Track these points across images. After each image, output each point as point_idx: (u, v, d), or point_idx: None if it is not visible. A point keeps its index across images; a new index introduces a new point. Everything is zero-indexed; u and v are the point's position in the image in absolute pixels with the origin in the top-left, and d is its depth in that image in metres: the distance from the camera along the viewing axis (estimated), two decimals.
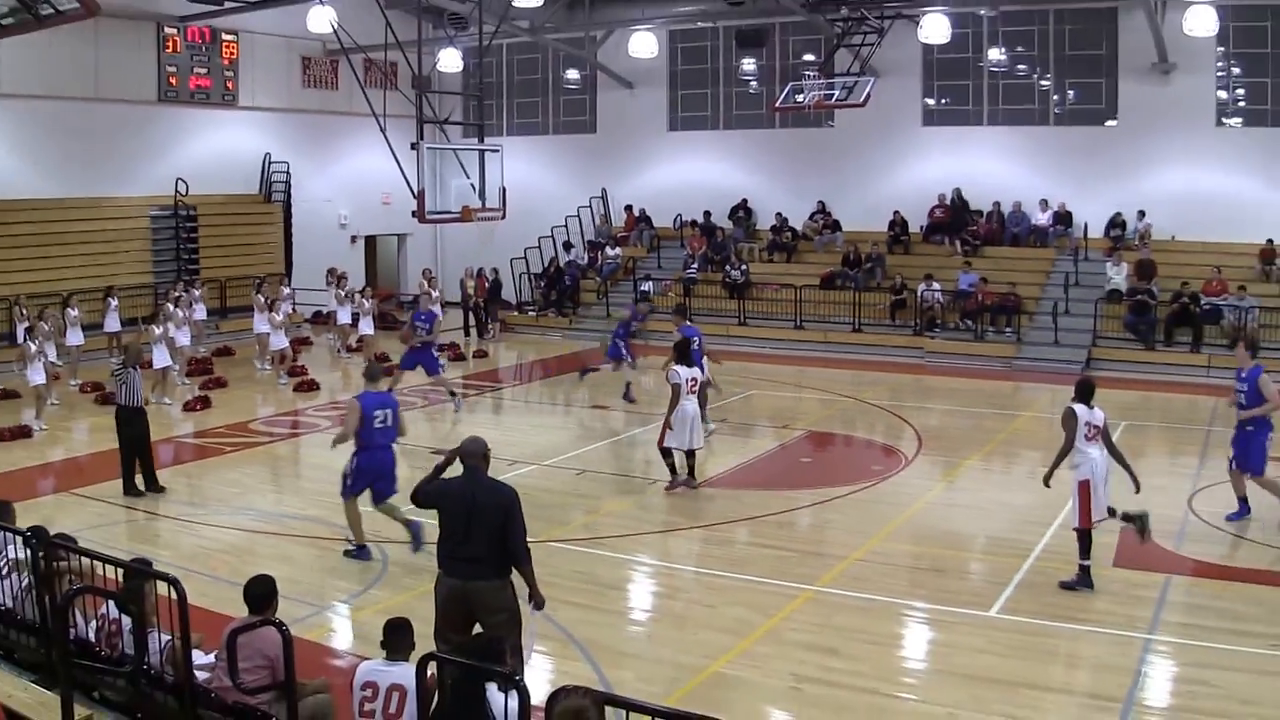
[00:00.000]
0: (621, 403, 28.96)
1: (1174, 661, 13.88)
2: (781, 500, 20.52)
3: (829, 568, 16.94)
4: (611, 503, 20.06)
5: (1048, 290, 39.40)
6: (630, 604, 15.97)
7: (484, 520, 11.11)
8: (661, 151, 48.28)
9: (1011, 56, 42.68)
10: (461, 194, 30.72)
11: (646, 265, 46.13)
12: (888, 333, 39.55)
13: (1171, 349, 36.10)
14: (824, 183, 45.01)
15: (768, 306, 41.31)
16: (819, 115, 43.42)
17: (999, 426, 27.87)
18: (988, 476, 23.69)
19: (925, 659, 14.32)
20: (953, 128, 43.51)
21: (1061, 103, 42.28)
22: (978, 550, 18.77)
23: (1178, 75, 39.38)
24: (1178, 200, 39.26)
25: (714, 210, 46.53)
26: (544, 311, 45.24)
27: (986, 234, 41.95)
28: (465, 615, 11.18)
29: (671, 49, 47.49)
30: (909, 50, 41.48)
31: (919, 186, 43.06)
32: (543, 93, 50.90)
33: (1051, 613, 15.10)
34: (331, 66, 46.42)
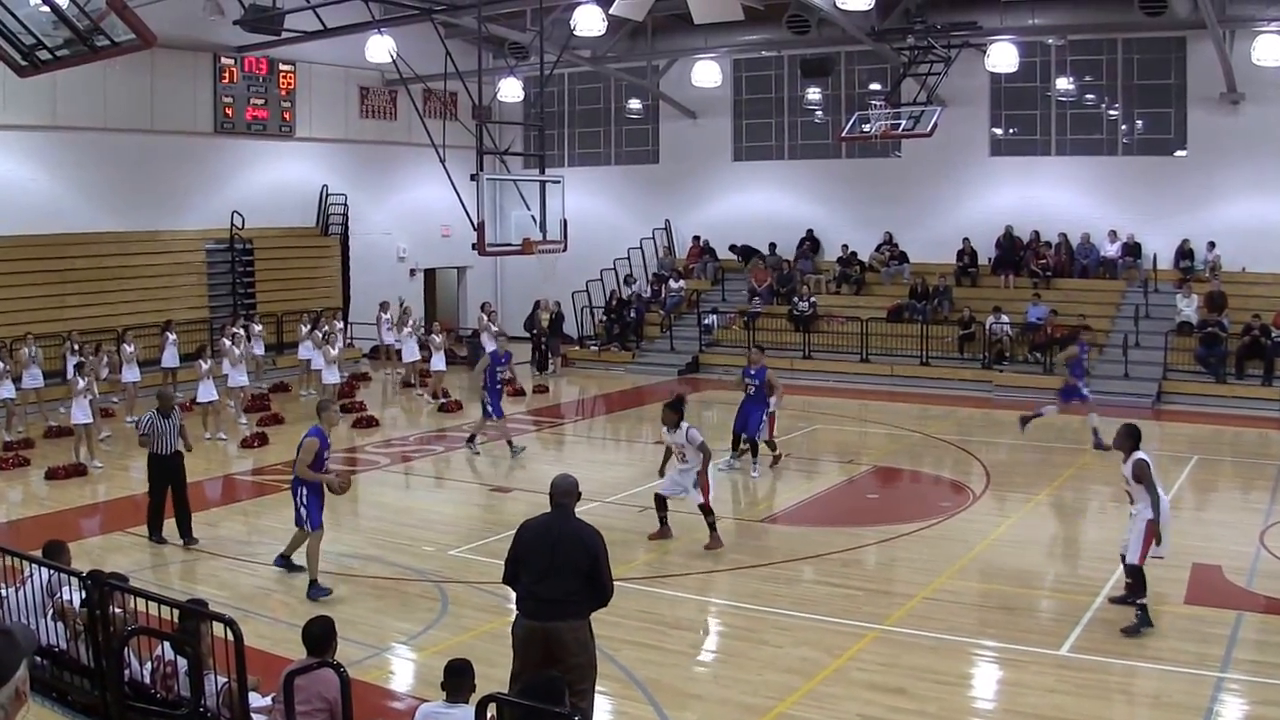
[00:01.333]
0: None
1: (1246, 700, 13.68)
2: (847, 537, 20.27)
3: (896, 606, 16.68)
4: (676, 541, 19.70)
5: (1117, 323, 39.02)
6: (694, 644, 15.70)
7: (569, 561, 10.92)
8: (726, 182, 47.98)
9: (1079, 86, 42.37)
10: (522, 226, 30.53)
11: (711, 298, 45.76)
12: (956, 366, 39.20)
13: (1242, 382, 35.65)
14: (891, 213, 44.65)
15: (834, 339, 40.98)
16: (885, 145, 43.13)
17: (1068, 461, 27.49)
18: (1057, 513, 23.36)
19: (994, 699, 14.06)
20: (1020, 158, 43.19)
21: (1130, 132, 41.95)
22: (1047, 588, 18.47)
23: (1247, 105, 39.00)
24: (1248, 231, 38.88)
25: (780, 241, 46.25)
26: (606, 345, 44.79)
27: (1055, 265, 41.47)
28: (544, 657, 10.85)
29: (735, 78, 47.31)
30: (976, 79, 41.19)
31: (986, 217, 42.76)
32: (604, 123, 50.78)
33: (1122, 651, 14.86)
34: (390, 97, 46.37)
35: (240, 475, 25.96)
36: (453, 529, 20.67)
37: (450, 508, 22.67)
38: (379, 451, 28.47)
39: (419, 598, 16.69)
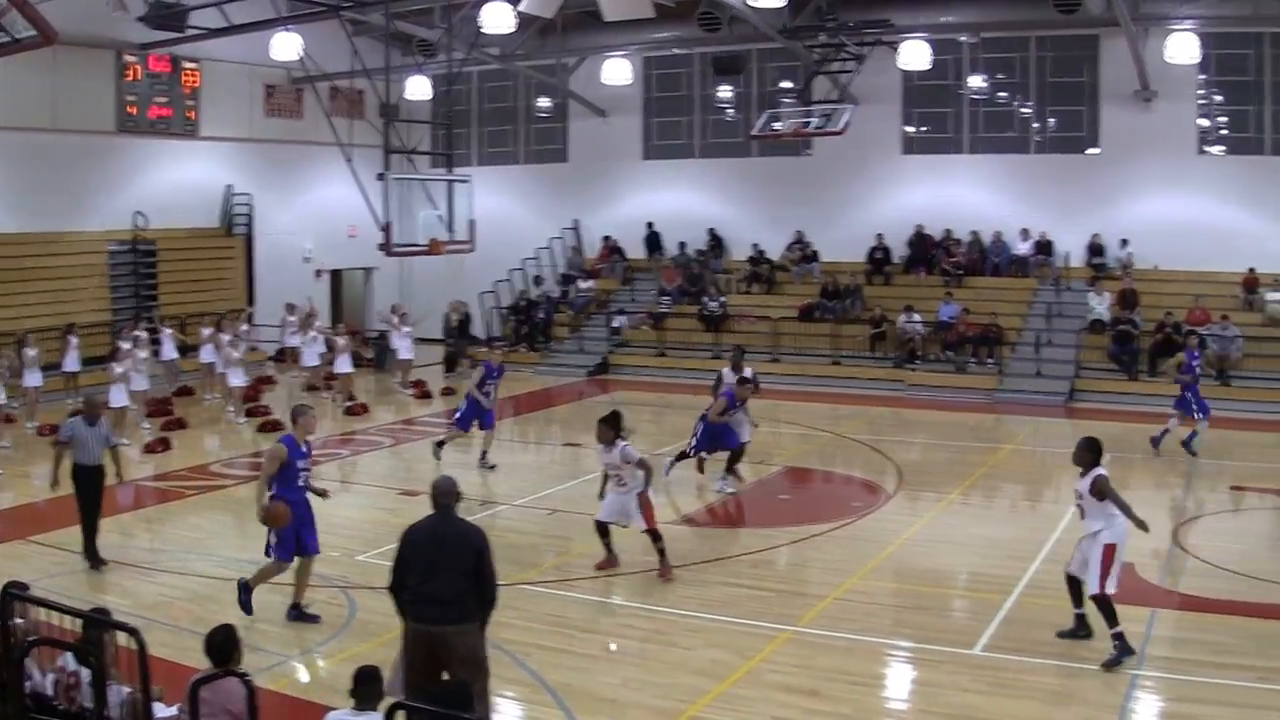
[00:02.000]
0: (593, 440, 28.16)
1: (1160, 696, 13.80)
2: (759, 539, 20.20)
3: (809, 607, 16.58)
4: (584, 544, 19.40)
5: (1029, 321, 39.31)
6: (605, 647, 15.36)
7: (453, 562, 10.85)
8: (636, 181, 47.85)
9: (992, 84, 42.65)
10: (429, 226, 30.35)
11: (620, 298, 45.66)
12: (867, 365, 39.27)
13: (1155, 379, 35.74)
14: (802, 212, 44.58)
15: (744, 339, 40.71)
16: (797, 144, 43.18)
17: (981, 460, 27.53)
18: (970, 511, 23.42)
19: (908, 699, 14.09)
20: (932, 156, 43.37)
21: (1042, 130, 42.21)
22: (960, 587, 18.56)
23: (1159, 103, 39.29)
24: (1160, 229, 39.16)
25: (689, 240, 46.14)
26: (514, 347, 44.09)
27: (967, 263, 41.61)
28: (432, 661, 10.82)
29: (646, 76, 47.13)
30: (888, 77, 41.28)
31: (898, 216, 42.91)
32: (513, 121, 50.42)
33: (1035, 649, 14.92)
34: (296, 95, 45.71)
35: (144, 481, 25.37)
36: (360, 534, 20.40)
37: (357, 512, 22.32)
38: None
39: (326, 604, 16.37)
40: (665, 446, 26.82)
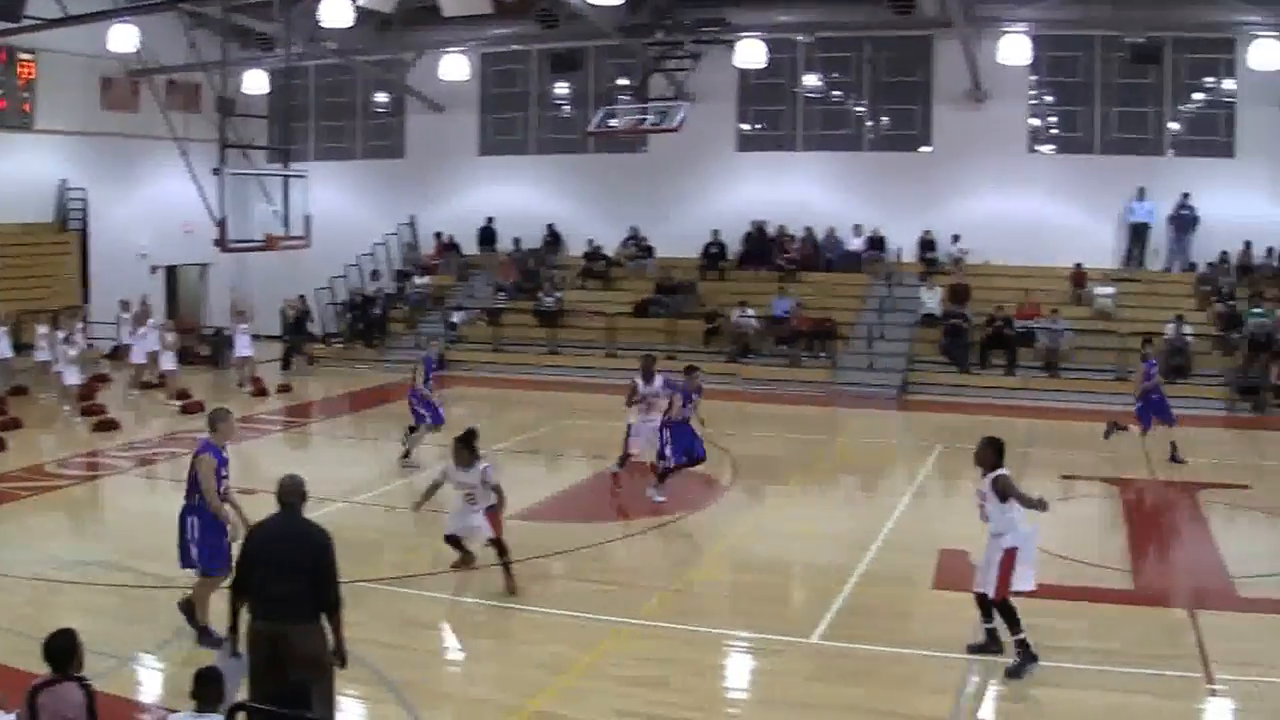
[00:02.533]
0: (431, 436, 28.08)
1: (997, 680, 13.96)
2: (598, 532, 20.29)
3: (649, 599, 16.67)
4: (423, 539, 19.43)
5: (862, 315, 39.91)
6: (445, 643, 15.59)
7: (295, 561, 10.77)
8: (472, 176, 47.74)
9: (827, 82, 43.37)
10: (265, 221, 30.14)
11: (456, 294, 45.54)
12: (702, 359, 39.12)
13: (986, 372, 36.56)
14: (637, 209, 44.93)
15: (580, 334, 40.99)
16: (632, 140, 43.37)
17: (816, 452, 27.85)
18: (806, 502, 23.77)
19: (750, 688, 14.26)
20: (768, 153, 43.91)
21: (876, 129, 42.93)
22: (798, 576, 18.82)
23: (991, 103, 40.24)
24: (991, 225, 40.05)
25: (525, 237, 46.19)
26: (351, 343, 44.27)
27: (801, 259, 42.03)
28: (275, 660, 10.67)
29: (483, 72, 47.01)
30: (724, 75, 41.67)
31: (734, 212, 43.34)
32: (350, 116, 50.11)
33: (874, 636, 15.17)
34: (133, 88, 44.86)
35: None
36: None
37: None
38: (121, 455, 27.46)
39: (164, 605, 16.07)
40: (502, 443, 27.03)
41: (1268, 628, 15.88)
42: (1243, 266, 39.47)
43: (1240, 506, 23.40)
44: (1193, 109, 40.87)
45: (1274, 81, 37.79)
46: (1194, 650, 14.82)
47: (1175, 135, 40.95)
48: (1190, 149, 40.64)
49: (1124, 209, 40.35)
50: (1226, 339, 36.30)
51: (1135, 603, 17.01)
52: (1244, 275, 39.19)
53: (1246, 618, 16.26)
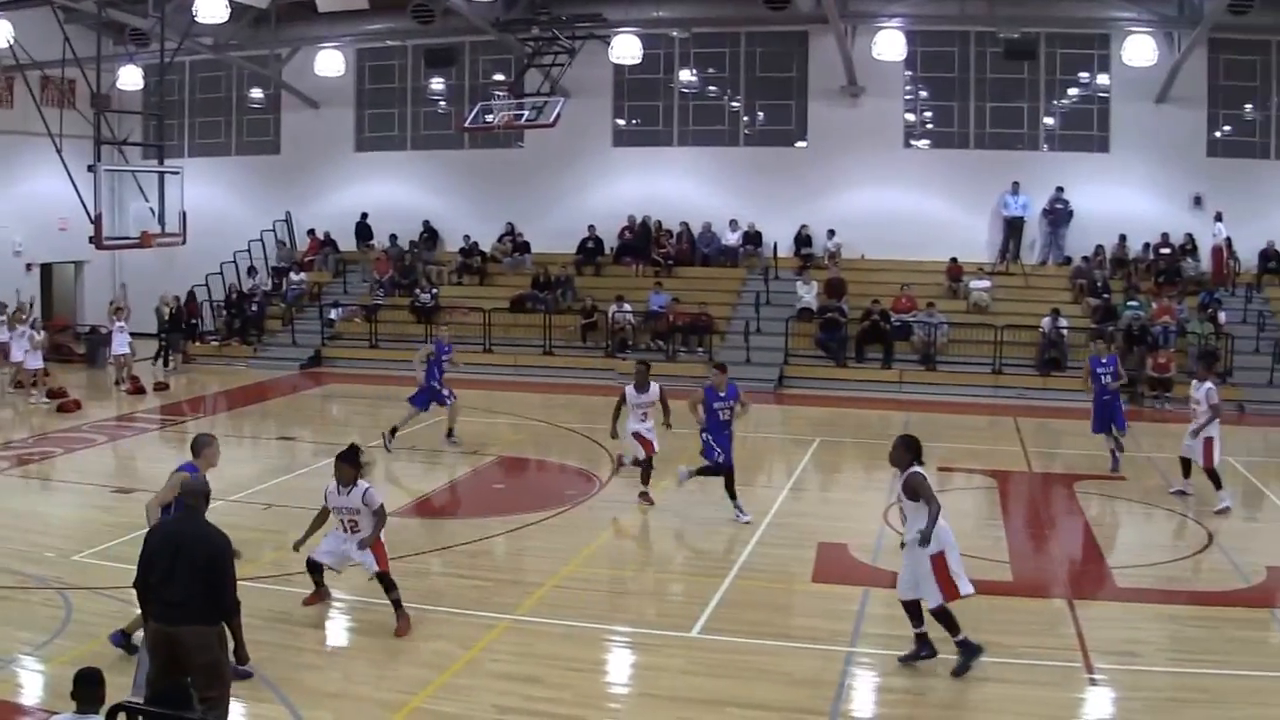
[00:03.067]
0: (308, 433, 27.87)
1: (876, 672, 14.19)
2: (475, 528, 20.17)
3: (527, 595, 16.67)
4: (295, 537, 19.27)
5: (739, 309, 40.09)
6: (326, 641, 15.39)
7: (190, 563, 10.66)
8: (348, 173, 47.48)
9: (702, 78, 43.59)
10: (141, 218, 29.83)
11: (333, 290, 45.24)
12: (579, 355, 39.57)
13: (862, 365, 36.83)
14: (513, 204, 44.91)
15: (457, 330, 40.57)
16: (508, 136, 43.44)
17: (693, 447, 27.81)
18: (683, 497, 23.41)
19: (629, 683, 14.28)
20: (643, 148, 44.04)
21: (752, 124, 43.16)
22: (677, 571, 18.97)
23: (867, 98, 40.69)
24: (867, 220, 40.46)
25: (401, 233, 46.07)
26: (228, 340, 43.74)
27: (677, 254, 42.15)
28: (173, 662, 10.61)
29: (359, 67, 46.82)
30: (600, 71, 41.74)
31: (610, 207, 43.47)
32: (226, 112, 49.52)
33: (753, 630, 15.24)
34: (6, 83, 44.13)
35: None
36: (75, 533, 19.70)
37: (73, 511, 21.69)
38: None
39: (41, 606, 15.90)
40: (377, 439, 26.82)
41: (1145, 617, 16.12)
42: (1117, 260, 40.09)
43: (1117, 497, 23.75)
44: (1067, 104, 41.52)
45: (1148, 77, 38.46)
46: (1073, 640, 15.08)
47: (1050, 130, 41.55)
48: (1065, 144, 41.30)
49: (999, 203, 40.80)
50: (1102, 332, 36.59)
51: (1014, 594, 17.23)
52: (1119, 268, 39.82)
53: (1124, 607, 16.51)
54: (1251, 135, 40.87)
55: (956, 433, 29.87)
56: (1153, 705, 13.27)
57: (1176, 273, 39.43)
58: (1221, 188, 39.84)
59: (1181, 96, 39.64)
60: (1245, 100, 40.83)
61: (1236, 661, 14.52)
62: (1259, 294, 39.05)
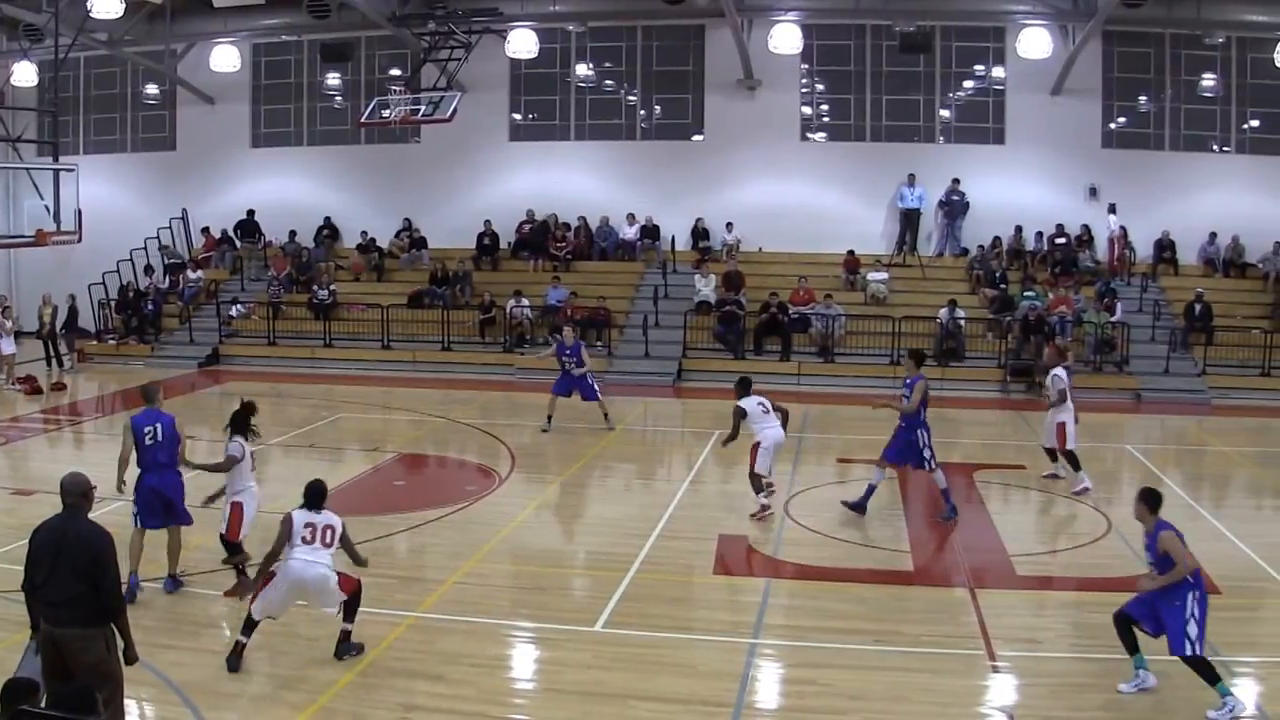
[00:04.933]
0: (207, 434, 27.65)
1: (780, 663, 14.33)
2: (376, 526, 19.92)
3: (429, 592, 16.67)
4: (202, 537, 19.06)
5: (637, 303, 40.20)
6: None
7: (71, 564, 10.46)
8: (245, 169, 47.14)
9: (599, 72, 43.60)
10: (35, 216, 29.52)
11: (230, 288, 44.75)
12: (477, 350, 39.48)
13: (761, 358, 36.97)
14: (410, 199, 44.87)
15: (354, 327, 40.70)
16: (405, 131, 43.35)
17: (591, 442, 27.91)
18: (583, 492, 23.97)
19: (534, 678, 14.26)
20: (540, 143, 44.11)
21: (649, 118, 43.21)
22: (579, 565, 19.02)
23: (763, 91, 40.95)
24: (764, 213, 40.74)
25: (299, 229, 45.73)
26: (125, 339, 43.10)
27: (575, 248, 42.17)
28: (60, 664, 10.46)
29: (255, 63, 46.51)
30: (496, 65, 41.79)
31: (507, 202, 43.44)
32: (121, 109, 48.95)
33: (656, 624, 15.32)
34: None
35: None
36: None
37: None
38: None
39: None
40: (278, 437, 26.78)
41: (1046, 604, 16.44)
42: (1014, 251, 40.53)
43: (1016, 486, 24.19)
44: (963, 97, 42.02)
45: (1043, 69, 38.96)
46: (975, 629, 15.25)
47: (946, 123, 41.95)
48: (961, 136, 41.80)
49: (895, 195, 41.18)
50: (999, 322, 37.03)
51: (915, 583, 17.47)
52: (1015, 259, 40.27)
53: (1025, 595, 16.76)
54: (1146, 127, 41.54)
55: (855, 424, 29.99)
56: (1055, 690, 13.44)
57: (1072, 263, 39.87)
58: (1116, 179, 40.46)
59: (1076, 89, 40.18)
60: (1139, 92, 41.49)
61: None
62: (1154, 283, 39.61)
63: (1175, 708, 12.83)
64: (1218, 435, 31.62)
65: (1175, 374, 36.48)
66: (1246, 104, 41.37)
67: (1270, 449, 29.81)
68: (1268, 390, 35.98)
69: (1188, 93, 41.54)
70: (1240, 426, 33.02)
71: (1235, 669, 13.96)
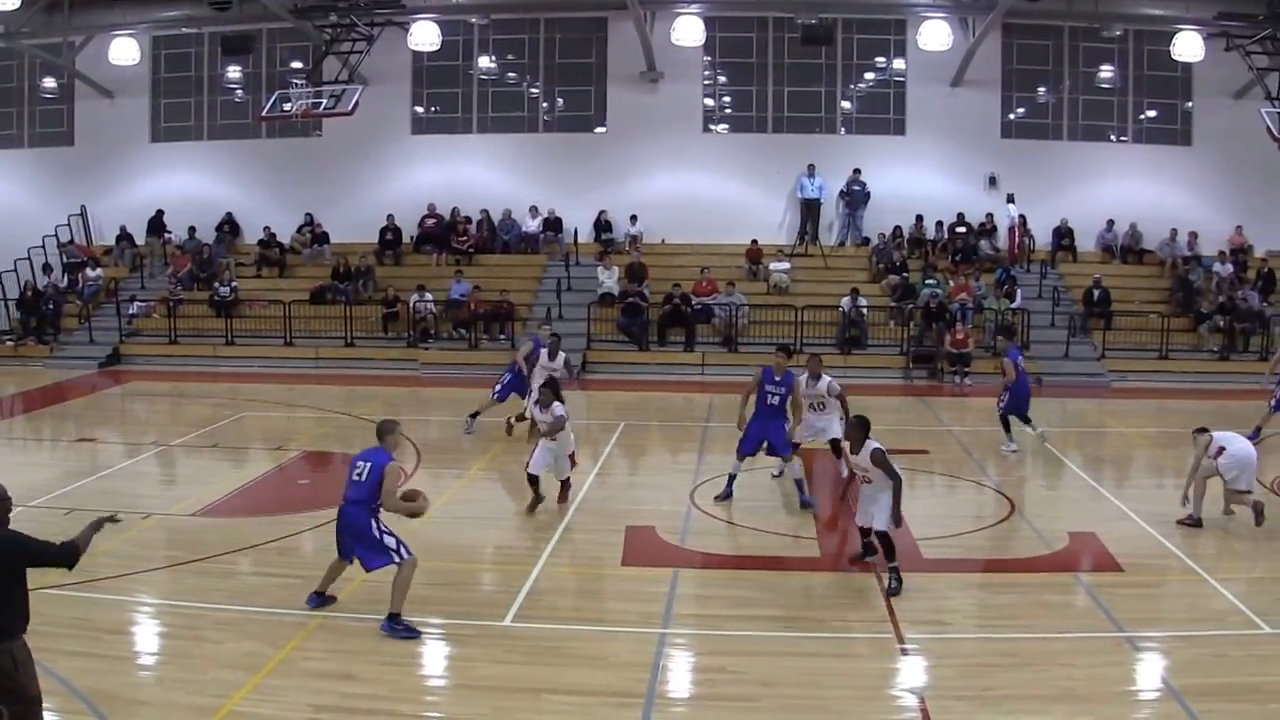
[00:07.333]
0: (110, 435, 27.46)
1: (691, 652, 14.38)
2: (282, 525, 19.90)
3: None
4: (102, 542, 18.86)
5: (540, 296, 40.50)
6: (135, 648, 15.02)
7: None
8: (145, 164, 46.65)
9: (502, 64, 43.67)
10: None
11: (130, 286, 44.33)
12: (381, 345, 39.43)
13: (665, 349, 37.14)
14: (312, 194, 44.74)
15: (256, 324, 40.47)
16: (306, 125, 43.30)
17: (499, 435, 27.82)
18: (490, 486, 24.03)
19: (445, 674, 14.19)
20: (443, 136, 44.04)
21: (551, 110, 43.34)
22: (487, 560, 18.90)
23: (666, 84, 41.20)
24: (667, 204, 40.99)
25: (200, 225, 45.32)
26: (23, 340, 42.55)
27: (478, 242, 42.20)
28: None
29: (155, 56, 46.11)
30: (398, 58, 41.80)
31: (410, 196, 43.56)
32: (18, 103, 48.37)
33: (565, 616, 15.42)
34: None
35: None
36: None
37: None
38: None
39: None
40: (180, 438, 26.73)
41: (953, 586, 16.62)
42: (915, 239, 40.93)
43: (920, 470, 24.35)
44: (864, 88, 42.47)
45: (943, 61, 39.35)
46: (883, 612, 15.40)
47: (848, 114, 42.39)
48: (862, 127, 42.37)
49: (795, 186, 41.41)
50: (901, 310, 37.37)
51: (823, 568, 17.64)
52: (916, 248, 40.70)
53: (931, 577, 16.88)
54: (1044, 117, 42.22)
55: None
56: (963, 671, 13.60)
57: (973, 251, 40.34)
58: (1015, 168, 41.11)
59: (976, 80, 40.77)
60: (1038, 83, 42.25)
61: (1043, 625, 15.04)
62: (1053, 270, 40.23)
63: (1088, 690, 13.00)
64: (1117, 417, 32.18)
65: (1075, 358, 37.24)
66: (1143, 95, 42.33)
67: (1169, 429, 30.18)
68: (1165, 372, 36.96)
69: (1086, 84, 42.40)
70: (1139, 408, 33.84)
71: (1140, 644, 14.27)
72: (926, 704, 12.71)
